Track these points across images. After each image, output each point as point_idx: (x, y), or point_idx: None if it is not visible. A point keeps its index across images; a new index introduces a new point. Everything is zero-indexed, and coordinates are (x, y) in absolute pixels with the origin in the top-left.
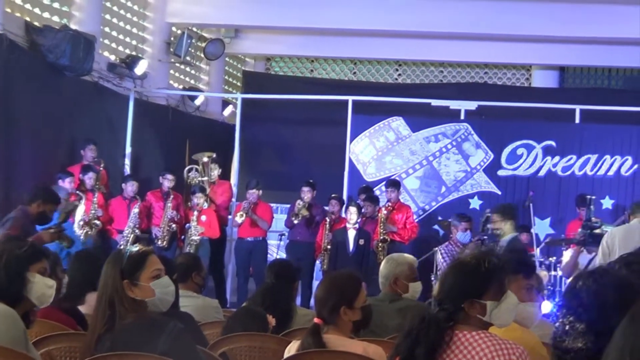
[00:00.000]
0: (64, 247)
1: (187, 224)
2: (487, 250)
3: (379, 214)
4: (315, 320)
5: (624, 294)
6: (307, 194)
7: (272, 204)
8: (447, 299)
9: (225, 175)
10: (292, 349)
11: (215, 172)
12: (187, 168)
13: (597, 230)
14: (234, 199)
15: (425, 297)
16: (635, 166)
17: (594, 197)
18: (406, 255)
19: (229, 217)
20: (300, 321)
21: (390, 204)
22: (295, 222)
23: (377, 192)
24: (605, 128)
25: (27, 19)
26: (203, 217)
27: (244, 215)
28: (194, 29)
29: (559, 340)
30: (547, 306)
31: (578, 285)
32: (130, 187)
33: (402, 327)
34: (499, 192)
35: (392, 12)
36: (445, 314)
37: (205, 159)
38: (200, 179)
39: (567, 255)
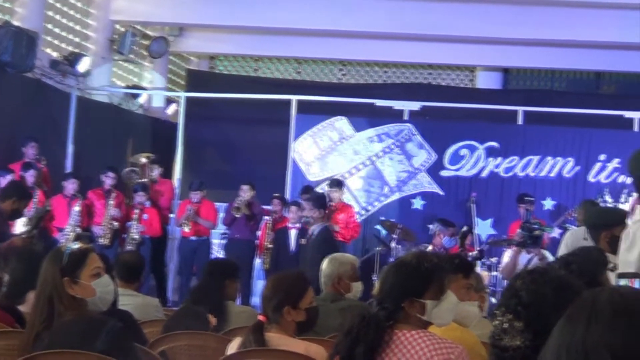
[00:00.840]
0: None
1: (129, 222)
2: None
3: None
4: (260, 318)
5: (563, 293)
6: (245, 192)
7: (216, 203)
8: (387, 298)
9: (168, 174)
10: (233, 346)
11: (156, 172)
12: (125, 170)
13: (537, 232)
14: (176, 198)
15: (367, 297)
16: (577, 168)
17: (532, 199)
18: (348, 255)
19: (171, 215)
20: (237, 319)
21: (333, 204)
22: (237, 215)
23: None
24: (547, 130)
25: None
26: (145, 216)
27: (188, 222)
28: (138, 27)
29: (498, 338)
30: None
31: (517, 284)
32: (71, 185)
33: (344, 327)
34: (442, 193)
35: (337, 12)
36: (385, 313)
37: (144, 160)
38: (139, 180)
39: (506, 256)
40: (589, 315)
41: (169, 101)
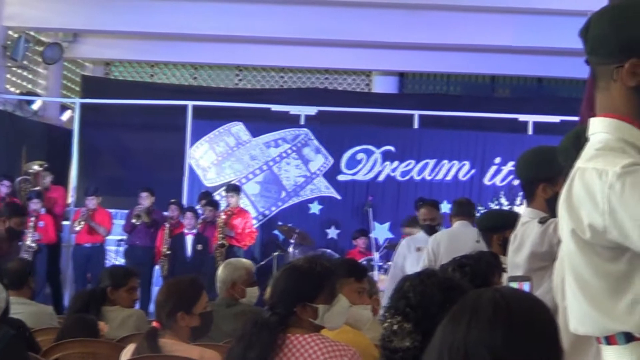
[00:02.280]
0: None
1: (24, 230)
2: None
3: (218, 219)
4: (154, 324)
5: (450, 294)
6: (145, 199)
7: (111, 210)
8: (279, 303)
9: (63, 181)
10: (127, 353)
11: (48, 179)
12: (18, 179)
13: None
14: (71, 205)
15: (264, 302)
16: (473, 171)
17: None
18: (244, 260)
19: (65, 223)
20: (124, 323)
21: (229, 209)
22: (137, 223)
23: (217, 197)
24: (443, 133)
25: None
26: (41, 223)
27: (82, 222)
28: (32, 33)
29: (388, 340)
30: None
31: (405, 286)
32: None
33: (238, 332)
34: (339, 197)
35: (232, 17)
36: (277, 318)
37: (36, 168)
38: (32, 189)
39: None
40: (470, 316)
41: (64, 108)
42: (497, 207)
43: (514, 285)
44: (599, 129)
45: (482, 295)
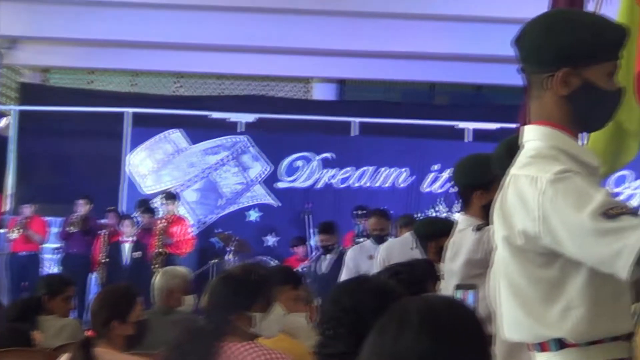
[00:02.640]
0: None
1: None
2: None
3: (156, 227)
4: (89, 333)
5: (383, 299)
6: (82, 207)
7: (48, 217)
8: (215, 311)
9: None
10: None
11: None
12: None
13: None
14: (6, 213)
15: (201, 310)
16: (411, 178)
17: (364, 211)
18: (180, 268)
19: (0, 231)
20: (59, 333)
21: (167, 217)
22: (72, 230)
23: (155, 205)
24: (382, 140)
25: None
26: None
27: (18, 231)
28: None
29: (323, 346)
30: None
31: (339, 291)
32: None
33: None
34: (278, 204)
35: (171, 24)
36: (213, 326)
37: None
38: None
39: None
40: (398, 324)
41: (1, 115)
42: (435, 214)
43: (460, 293)
44: (532, 136)
45: (409, 304)
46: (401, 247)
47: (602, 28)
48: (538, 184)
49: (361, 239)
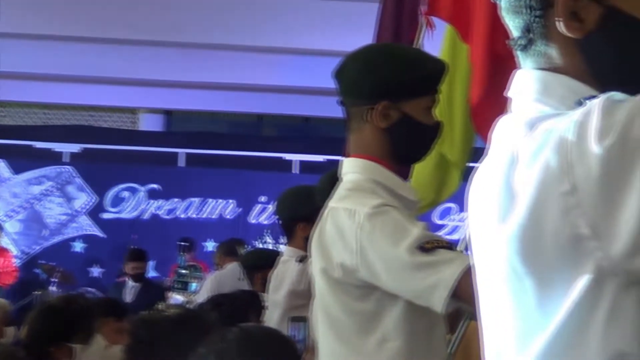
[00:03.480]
0: None
1: None
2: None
3: None
4: None
5: (184, 328)
6: None
7: None
8: (34, 342)
9: None
10: None
11: None
12: None
13: (185, 278)
14: None
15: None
16: (239, 209)
17: (187, 244)
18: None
19: None
20: None
21: None
22: None
23: None
24: (209, 172)
25: None
26: None
27: None
28: None
29: None
30: None
31: (138, 319)
32: None
33: None
34: (103, 236)
35: None
36: (32, 358)
37: None
38: None
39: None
40: (217, 354)
41: None
42: (262, 246)
43: (291, 325)
44: (351, 169)
45: (228, 334)
46: (232, 277)
47: (421, 63)
48: (356, 217)
49: (184, 271)
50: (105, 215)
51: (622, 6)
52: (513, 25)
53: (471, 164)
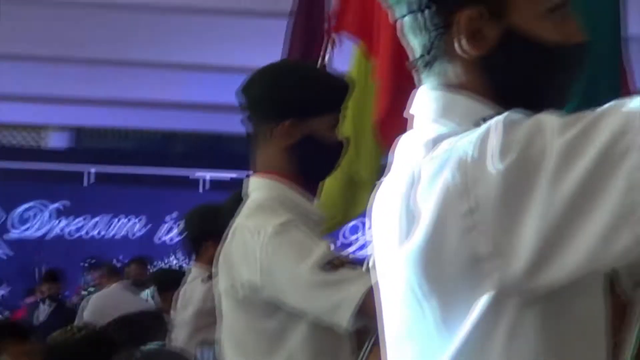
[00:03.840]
0: None
1: None
2: None
3: None
4: None
5: (98, 348)
6: None
7: None
8: None
9: None
10: None
11: None
12: None
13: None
14: None
15: None
16: (147, 227)
17: (93, 262)
18: None
19: None
20: None
21: None
22: None
23: None
24: (117, 189)
25: None
26: None
27: None
28: None
29: None
30: None
31: (53, 337)
32: None
33: None
34: (9, 254)
35: None
36: None
37: None
38: None
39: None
40: None
41: None
42: (170, 264)
43: (202, 348)
44: (256, 187)
45: (133, 355)
46: (115, 298)
47: (326, 81)
48: (260, 235)
49: (85, 292)
50: (11, 234)
51: (521, 25)
52: (413, 44)
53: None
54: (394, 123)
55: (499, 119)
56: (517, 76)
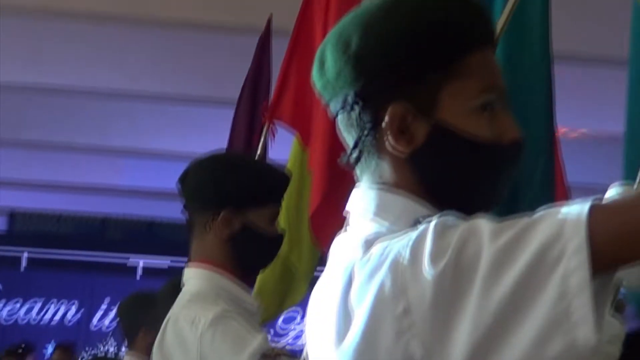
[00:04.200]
0: None
1: None
2: None
3: None
4: None
5: None
6: None
7: None
8: None
9: None
10: None
11: None
12: None
13: None
14: None
15: None
16: (80, 312)
17: (22, 347)
18: None
19: None
20: None
21: None
22: None
23: None
24: (52, 274)
25: None
26: None
27: None
28: None
29: None
30: None
31: None
32: None
33: None
34: None
35: None
36: None
37: None
38: None
39: None
40: None
41: None
42: (104, 351)
43: None
44: (193, 277)
45: None
46: None
47: (264, 173)
48: (197, 325)
49: None
50: None
51: (450, 121)
52: (348, 140)
53: (318, 272)
54: (327, 216)
55: (432, 222)
56: (447, 174)
